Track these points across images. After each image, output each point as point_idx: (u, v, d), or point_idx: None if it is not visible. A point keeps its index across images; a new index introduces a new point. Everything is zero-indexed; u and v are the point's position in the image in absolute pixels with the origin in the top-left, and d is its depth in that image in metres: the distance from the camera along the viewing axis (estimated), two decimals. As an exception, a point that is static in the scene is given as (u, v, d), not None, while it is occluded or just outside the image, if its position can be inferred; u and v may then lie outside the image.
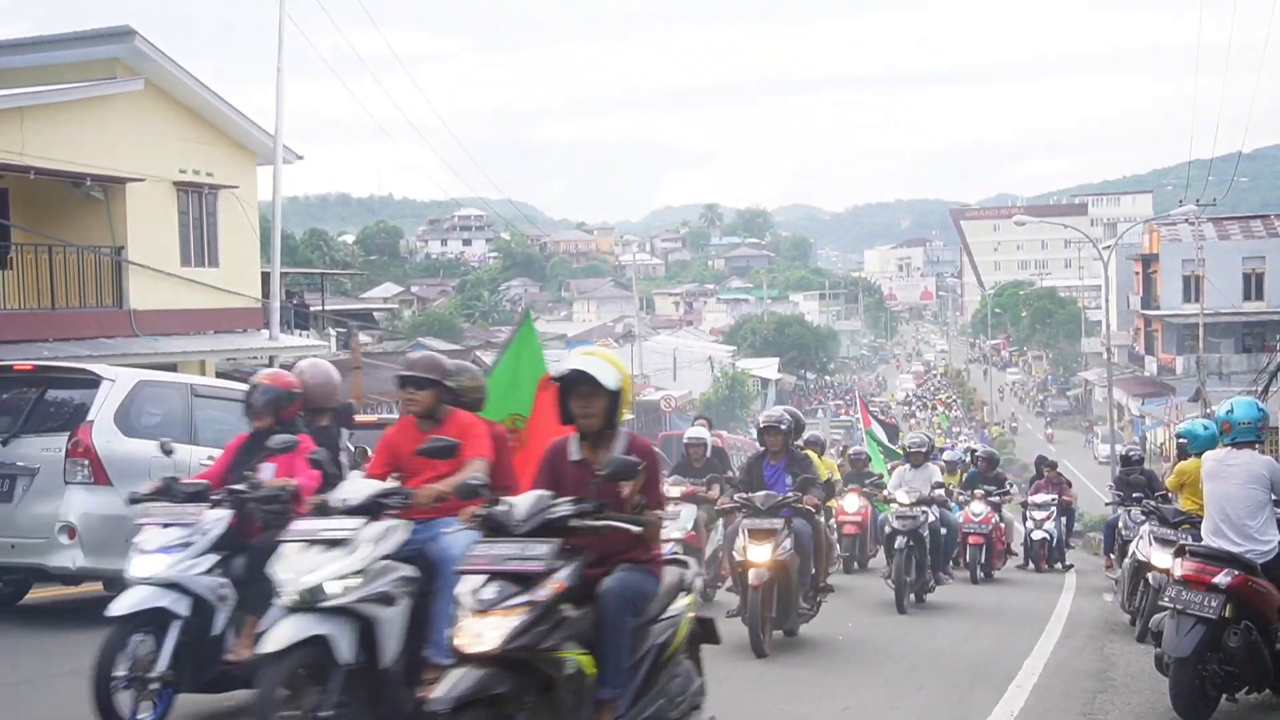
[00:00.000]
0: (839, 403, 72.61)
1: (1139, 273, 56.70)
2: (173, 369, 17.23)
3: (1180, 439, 11.62)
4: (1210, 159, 34.40)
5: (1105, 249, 44.28)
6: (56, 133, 18.09)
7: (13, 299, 17.59)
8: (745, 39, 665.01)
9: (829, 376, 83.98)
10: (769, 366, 69.70)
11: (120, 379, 9.52)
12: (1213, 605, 6.77)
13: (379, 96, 26.49)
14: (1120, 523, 13.49)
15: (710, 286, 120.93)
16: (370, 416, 19.81)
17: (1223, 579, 6.83)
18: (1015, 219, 50.92)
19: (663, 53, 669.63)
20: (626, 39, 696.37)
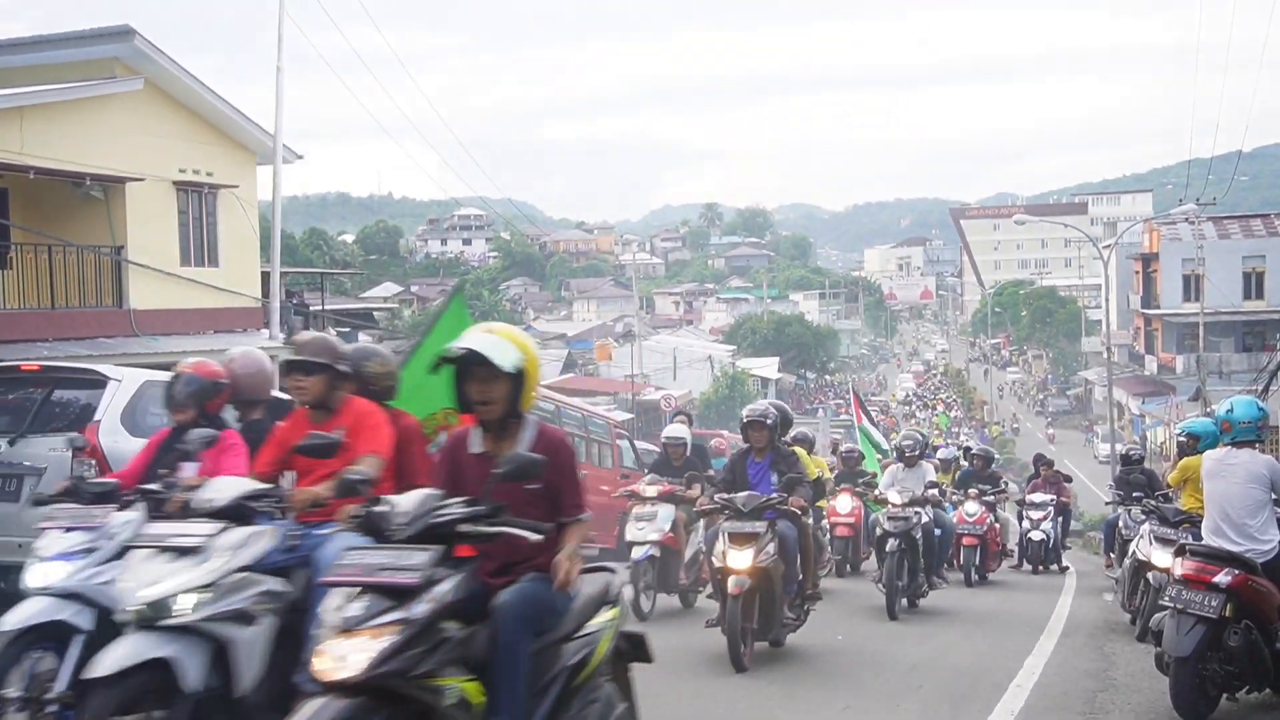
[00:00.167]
0: (839, 402, 72.51)
1: (1139, 272, 56.71)
2: (172, 369, 17.20)
3: (1181, 437, 11.63)
4: (1210, 158, 34.42)
5: (1105, 248, 44.29)
6: (56, 132, 18.08)
7: (12, 299, 17.58)
8: (745, 38, 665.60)
9: (829, 376, 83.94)
10: (769, 366, 69.74)
11: (127, 379, 9.49)
12: (1213, 604, 6.78)
13: (379, 95, 26.52)
14: (1120, 522, 13.52)
15: (710, 286, 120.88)
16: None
17: (1223, 578, 6.83)
18: (1015, 218, 50.87)
19: (663, 52, 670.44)
20: (626, 38, 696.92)
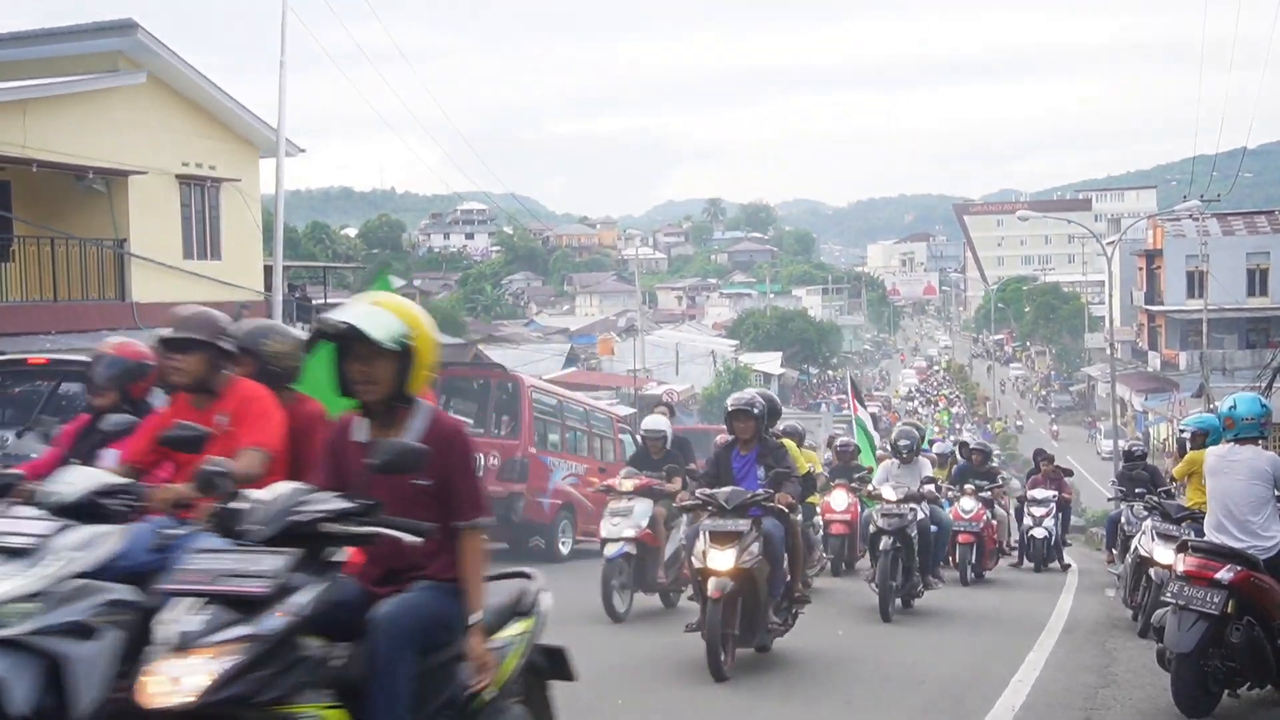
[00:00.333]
0: (842, 397, 72.46)
1: (1143, 268, 56.64)
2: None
3: (1184, 433, 11.62)
4: (1215, 154, 34.30)
5: (1109, 244, 44.22)
6: (59, 125, 18.08)
7: (15, 291, 17.60)
8: (750, 34, 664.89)
9: (832, 371, 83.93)
10: (771, 361, 69.79)
11: None
12: (1215, 601, 6.76)
13: (382, 90, 26.48)
14: (1123, 518, 13.55)
15: (713, 281, 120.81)
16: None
17: (1225, 575, 6.82)
18: (1019, 214, 50.78)
19: (667, 47, 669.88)
20: (630, 33, 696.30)
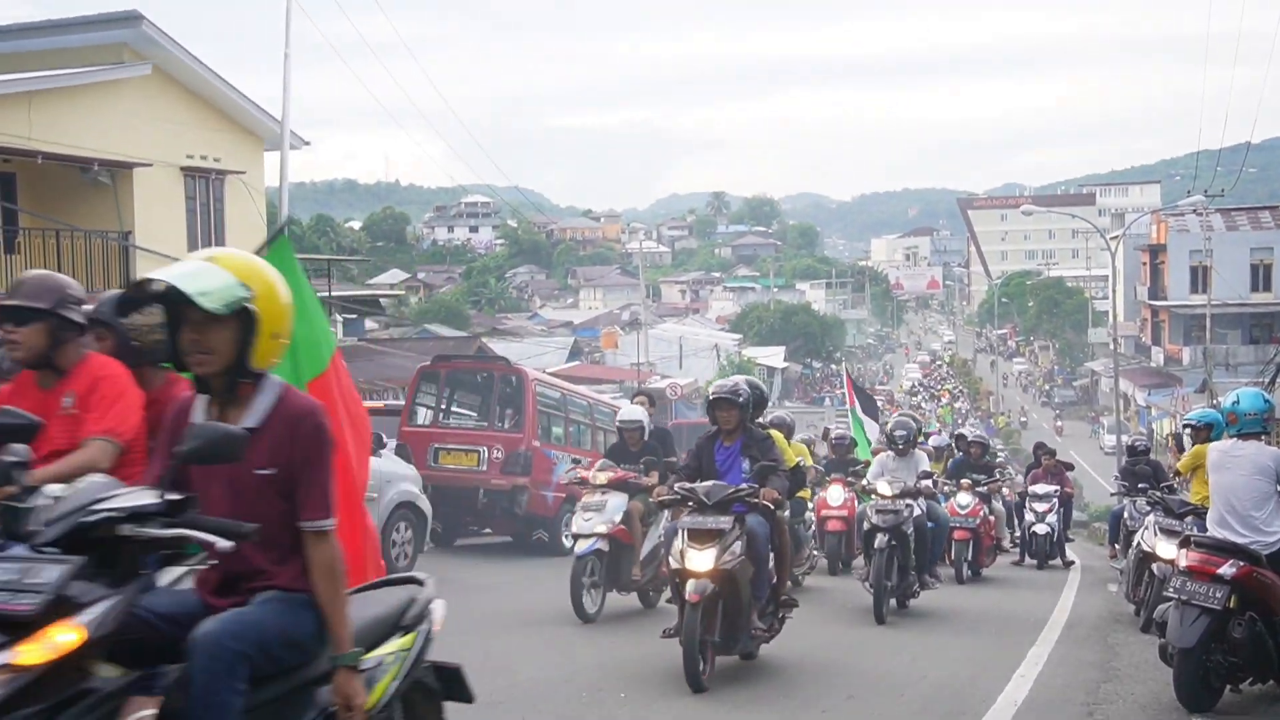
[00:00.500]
0: (845, 391, 72.31)
1: (1146, 263, 56.55)
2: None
3: (1186, 428, 11.64)
4: (1219, 149, 34.21)
5: (1113, 239, 44.21)
6: (64, 117, 18.11)
7: (20, 284, 17.62)
8: (754, 28, 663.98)
9: (835, 366, 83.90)
10: (775, 355, 69.83)
11: None
12: (1217, 596, 6.77)
13: (387, 82, 26.51)
14: (1125, 513, 13.58)
15: (717, 275, 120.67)
16: (377, 403, 19.93)
17: (1228, 570, 6.83)
18: (1023, 209, 50.59)
19: (671, 40, 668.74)
20: (635, 27, 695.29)
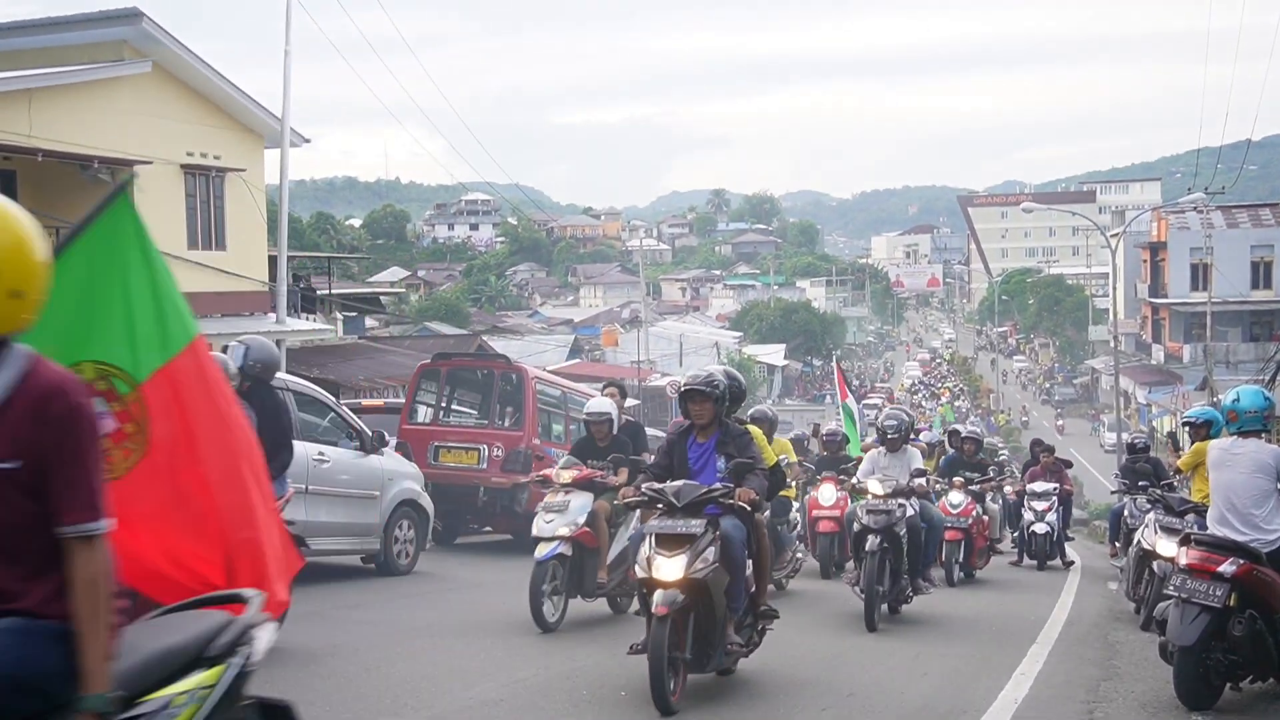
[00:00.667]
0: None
1: (1147, 261, 56.54)
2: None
3: (1185, 424, 11.64)
4: (1219, 147, 34.24)
5: (1113, 236, 44.15)
6: (64, 115, 18.10)
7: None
8: (755, 24, 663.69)
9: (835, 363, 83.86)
10: (775, 353, 69.89)
11: None
12: (1217, 594, 6.76)
13: (387, 80, 26.46)
14: (1126, 511, 13.58)
15: (717, 272, 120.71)
16: (376, 400, 19.93)
17: (1228, 568, 6.82)
18: (1023, 206, 50.71)
19: (672, 37, 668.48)
20: (635, 24, 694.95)
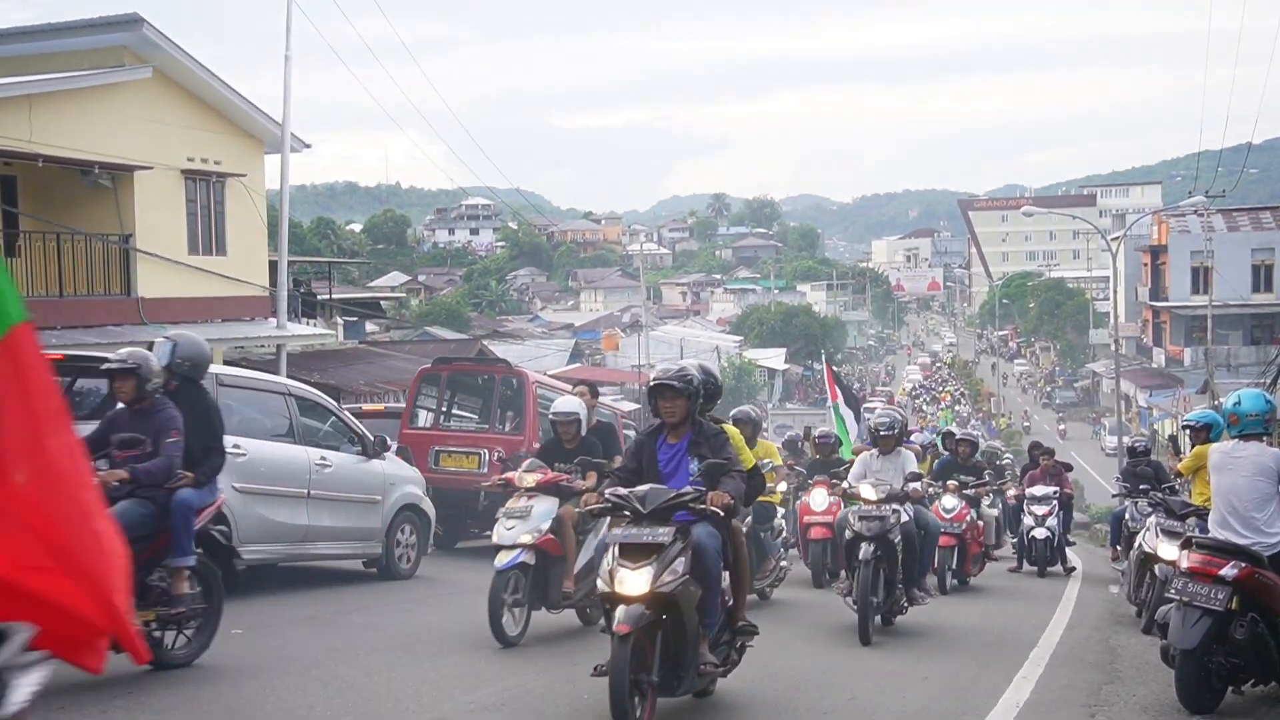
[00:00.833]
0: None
1: (1147, 264, 56.54)
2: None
3: (1185, 427, 11.65)
4: (1220, 150, 34.20)
5: (1114, 240, 44.16)
6: (65, 120, 18.10)
7: (21, 287, 17.58)
8: (755, 29, 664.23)
9: (836, 367, 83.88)
10: (776, 357, 69.85)
11: None
12: (1219, 597, 6.76)
13: (387, 84, 26.52)
14: (1127, 514, 13.60)
15: (717, 276, 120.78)
16: (377, 405, 19.95)
17: (1229, 571, 6.82)
18: (1023, 210, 50.57)
19: (672, 42, 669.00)
20: (636, 29, 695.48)
